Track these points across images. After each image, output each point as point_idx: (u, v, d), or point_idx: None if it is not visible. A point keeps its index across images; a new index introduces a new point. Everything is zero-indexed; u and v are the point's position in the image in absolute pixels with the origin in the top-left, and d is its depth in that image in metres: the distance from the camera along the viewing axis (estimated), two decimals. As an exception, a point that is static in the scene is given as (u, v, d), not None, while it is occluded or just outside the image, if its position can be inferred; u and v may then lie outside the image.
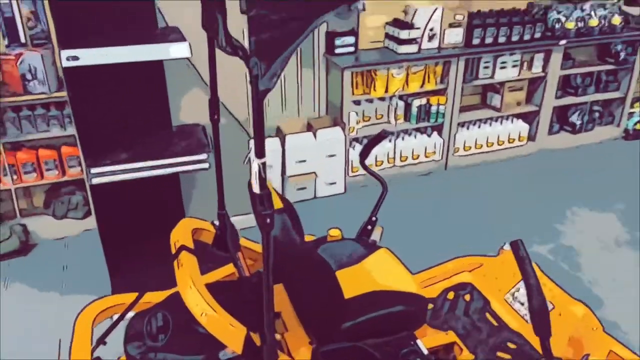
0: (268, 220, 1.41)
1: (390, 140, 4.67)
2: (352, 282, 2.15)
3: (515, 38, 4.56)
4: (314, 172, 4.36)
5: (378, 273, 2.22)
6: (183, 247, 1.91)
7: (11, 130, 3.53)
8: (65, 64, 2.74)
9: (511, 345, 2.33)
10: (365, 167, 2.80)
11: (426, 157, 4.77)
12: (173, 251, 1.92)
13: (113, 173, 3.02)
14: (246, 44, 1.30)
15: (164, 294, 2.10)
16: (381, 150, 4.62)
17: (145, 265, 2.88)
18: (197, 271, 1.82)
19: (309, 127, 4.45)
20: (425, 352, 1.88)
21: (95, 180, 2.98)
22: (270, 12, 1.19)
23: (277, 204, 1.83)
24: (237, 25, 1.75)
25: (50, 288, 3.39)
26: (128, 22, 2.98)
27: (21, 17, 3.46)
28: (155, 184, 3.20)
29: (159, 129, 3.34)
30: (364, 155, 2.74)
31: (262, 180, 1.41)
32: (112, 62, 2.80)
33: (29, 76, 3.36)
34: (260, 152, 1.40)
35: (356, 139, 4.59)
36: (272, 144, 4.23)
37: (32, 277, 3.48)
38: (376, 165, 4.62)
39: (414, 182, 4.70)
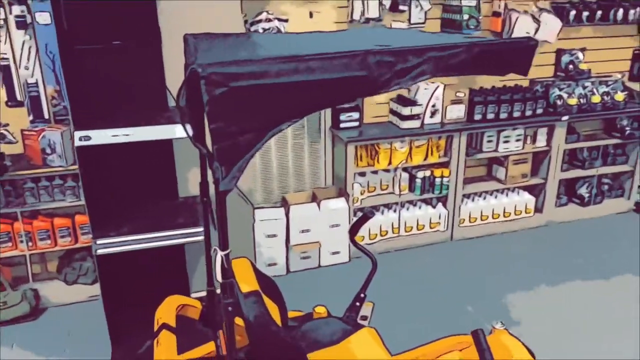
0: (230, 309, 1.51)
1: (395, 211, 4.76)
2: (331, 362, 2.20)
3: (516, 114, 4.69)
4: (318, 242, 4.45)
5: (357, 354, 2.26)
6: (164, 326, 2.01)
7: (29, 199, 3.76)
8: (78, 143, 2.97)
9: None
10: (355, 244, 2.88)
11: (431, 227, 4.82)
12: (155, 328, 2.02)
13: (117, 244, 3.17)
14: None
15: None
16: (386, 220, 4.69)
17: (146, 336, 2.97)
18: (173, 350, 1.91)
19: (314, 198, 4.58)
20: None
21: (100, 251, 3.13)
22: (229, 125, 1.34)
23: (253, 285, 1.93)
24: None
25: (53, 354, 3.49)
26: (140, 106, 3.24)
27: (46, 96, 3.76)
28: (160, 254, 3.33)
29: (166, 199, 3.53)
30: (352, 232, 2.83)
31: (225, 271, 1.51)
32: (121, 142, 3.02)
33: (48, 150, 3.62)
34: (224, 245, 1.51)
35: (361, 209, 4.68)
36: (277, 214, 4.36)
37: (38, 341, 3.60)
38: (381, 235, 4.69)
39: (418, 253, 4.73)
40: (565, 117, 4.79)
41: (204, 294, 2.31)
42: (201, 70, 1.29)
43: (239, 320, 2.39)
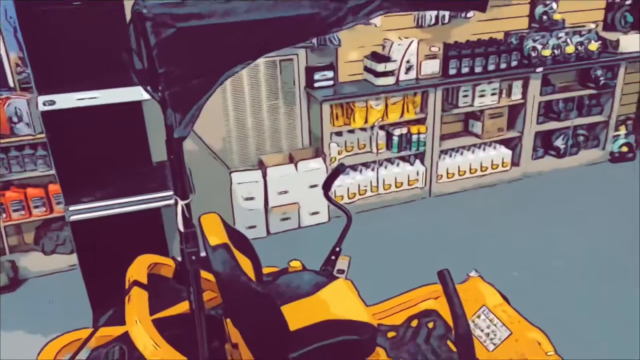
0: (193, 257, 1.51)
1: (373, 169, 4.76)
2: (305, 312, 2.22)
3: (491, 67, 4.67)
4: (297, 203, 4.45)
5: (331, 304, 2.28)
6: (135, 283, 2.00)
7: (0, 170, 3.70)
8: (42, 108, 2.91)
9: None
10: (328, 199, 2.89)
11: (409, 184, 4.85)
12: (126, 287, 2.02)
13: (91, 210, 3.14)
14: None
15: (124, 329, 2.19)
16: (364, 179, 4.71)
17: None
18: (145, 306, 1.91)
19: (291, 159, 4.56)
20: (368, 379, 1.93)
21: (74, 218, 3.10)
22: (179, 68, 1.31)
23: (222, 238, 1.92)
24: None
25: (36, 322, 3.48)
26: (105, 68, 3.15)
27: (9, 63, 3.66)
28: (137, 219, 3.30)
29: (140, 165, 3.48)
30: (326, 188, 2.83)
31: (187, 220, 1.50)
32: (87, 105, 2.96)
33: (15, 119, 3.54)
34: (183, 194, 1.49)
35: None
36: (254, 176, 4.34)
37: (19, 312, 3.59)
38: (359, 194, 4.71)
39: (397, 210, 4.76)
40: (539, 69, 4.79)
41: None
42: (146, 12, 1.25)
43: (210, 276, 2.41)
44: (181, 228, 1.50)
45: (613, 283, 3.64)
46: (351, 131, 4.64)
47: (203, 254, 2.23)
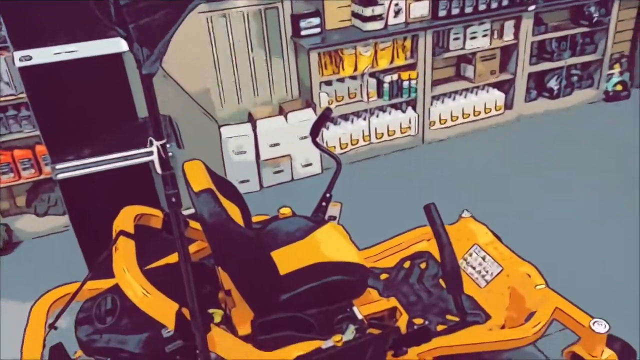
0: (173, 199, 1.48)
1: (365, 118, 4.71)
2: (295, 257, 2.22)
3: (482, 7, 4.54)
4: (289, 155, 4.41)
5: (322, 246, 2.28)
6: (121, 232, 1.99)
7: (-16, 133, 3.64)
8: (19, 64, 2.83)
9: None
10: (317, 145, 2.86)
11: (402, 132, 4.80)
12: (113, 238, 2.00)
13: (78, 168, 3.11)
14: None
15: (114, 280, 2.19)
16: (356, 128, 4.65)
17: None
18: (132, 255, 1.90)
19: (281, 111, 4.50)
20: (360, 317, 1.95)
21: (61, 176, 3.07)
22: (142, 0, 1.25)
23: (206, 184, 1.89)
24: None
25: (33, 283, 3.48)
26: (82, 19, 3.05)
27: (-16, 22, 3.54)
28: (126, 175, 3.27)
29: (125, 121, 3.41)
30: (313, 133, 2.80)
31: (164, 161, 1.47)
32: (65, 59, 2.88)
33: (-6, 79, 3.46)
34: (158, 134, 1.45)
35: (330, 119, 4.63)
36: (243, 130, 4.29)
37: (15, 274, 3.60)
38: (352, 144, 4.67)
39: (390, 159, 4.74)
40: (532, 7, 4.66)
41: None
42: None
43: (197, 225, 2.39)
44: (158, 170, 1.47)
45: (610, 222, 3.65)
46: (341, 80, 4.56)
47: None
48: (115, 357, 1.90)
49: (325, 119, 2.69)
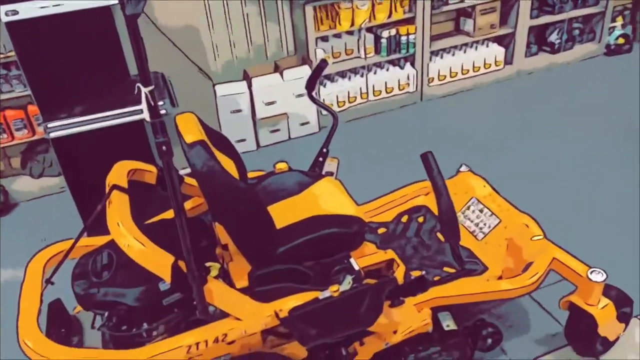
0: (164, 148, 1.44)
1: (362, 75, 4.62)
2: (292, 211, 2.20)
3: (482, -43, 4.41)
4: (285, 113, 4.36)
5: (318, 200, 2.26)
6: (115, 187, 1.96)
7: (-26, 93, 3.58)
8: (5, 19, 2.75)
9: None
10: (313, 99, 2.80)
11: (400, 89, 4.73)
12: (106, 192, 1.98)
13: (71, 126, 3.06)
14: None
15: (110, 237, 2.17)
16: (353, 86, 4.58)
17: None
18: (126, 208, 1.87)
19: (276, 68, 4.41)
20: (357, 268, 1.94)
21: (53, 135, 3.03)
22: None
23: (198, 135, 1.86)
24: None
25: (30, 245, 3.47)
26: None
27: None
28: (120, 133, 3.23)
29: (117, 79, 3.34)
30: (309, 87, 2.73)
31: (152, 108, 1.43)
32: (52, 13, 2.79)
33: (-19, 37, 3.37)
34: (145, 80, 1.41)
35: (327, 76, 4.56)
36: (239, 88, 4.22)
37: (12, 235, 3.60)
38: (349, 102, 4.60)
39: (388, 117, 4.68)
40: (533, -43, 4.53)
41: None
42: None
43: (192, 181, 2.36)
44: (147, 118, 1.43)
45: (609, 174, 3.62)
46: (337, 35, 4.45)
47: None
48: (113, 311, 1.90)
49: (320, 70, 2.62)
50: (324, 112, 4.50)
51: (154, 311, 1.92)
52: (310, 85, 2.73)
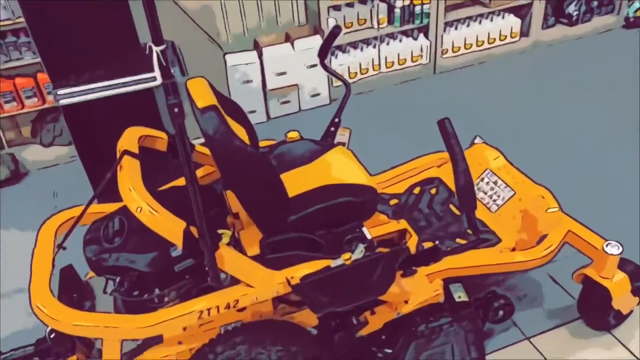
0: (176, 110, 1.42)
1: (374, 46, 4.54)
2: (303, 179, 2.18)
3: None
4: (296, 84, 4.30)
5: (330, 169, 2.23)
6: (125, 152, 1.94)
7: (-17, 59, 3.56)
8: (13, -16, 2.70)
9: (470, 232, 2.36)
10: (325, 68, 2.75)
11: (413, 61, 4.64)
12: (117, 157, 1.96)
13: (81, 93, 3.04)
14: None
15: (121, 204, 2.16)
16: (365, 57, 4.50)
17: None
18: (137, 174, 1.86)
19: (287, 38, 4.34)
20: (369, 237, 1.92)
21: (63, 102, 3.01)
22: None
23: (210, 100, 1.82)
24: None
25: (40, 213, 3.49)
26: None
27: (-25, -59, 3.37)
28: (129, 102, 3.20)
29: (126, 46, 3.30)
30: (322, 54, 2.68)
31: (164, 69, 1.39)
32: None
33: (-10, 3, 3.33)
34: (157, 39, 1.37)
35: (338, 47, 4.48)
36: (249, 57, 4.16)
37: (23, 203, 3.61)
38: (361, 73, 4.54)
39: (401, 89, 4.61)
40: None
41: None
42: None
43: (203, 149, 2.34)
44: (159, 78, 1.40)
45: (625, 148, 3.55)
46: (350, 5, 4.36)
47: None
48: (125, 276, 1.90)
49: (333, 37, 2.56)
50: (336, 83, 4.45)
51: (165, 277, 1.92)
52: (323, 52, 2.68)
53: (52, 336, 2.05)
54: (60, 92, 2.98)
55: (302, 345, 1.91)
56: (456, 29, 4.71)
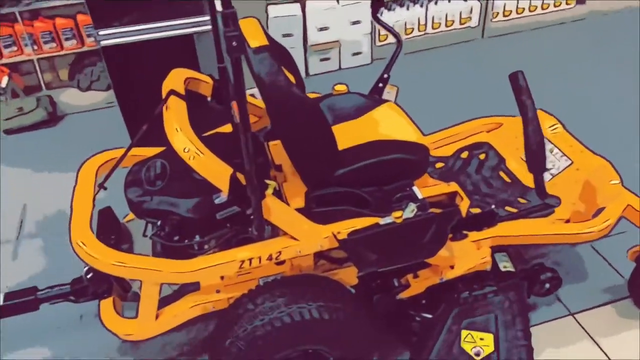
0: (235, 43, 1.32)
1: (421, 5, 4.35)
2: (352, 133, 2.08)
3: None
4: (338, 41, 4.16)
5: (380, 125, 2.13)
6: (172, 92, 1.87)
7: (24, -3, 3.49)
8: None
9: (521, 200, 2.25)
10: (377, 20, 2.62)
11: (461, 23, 4.44)
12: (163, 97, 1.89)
13: (122, 35, 2.97)
14: None
15: (161, 149, 2.11)
16: (410, 15, 4.32)
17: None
18: (184, 114, 1.79)
19: (333, -9, 4.17)
20: (420, 196, 1.83)
21: (104, 43, 2.94)
22: None
23: (262, 40, 1.72)
24: None
25: (77, 156, 3.49)
26: None
27: None
28: (169, 48, 3.13)
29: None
30: (375, 6, 2.54)
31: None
32: None
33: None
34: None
35: (385, 4, 4.30)
36: (292, 10, 4.01)
37: (60, 146, 3.60)
38: (405, 34, 4.36)
39: (447, 51, 4.42)
40: None
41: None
42: None
43: (255, 101, 2.25)
44: (218, 7, 1.30)
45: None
46: (399, -40, 4.17)
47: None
48: (166, 220, 1.85)
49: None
50: (378, 42, 4.29)
51: (206, 224, 1.86)
52: (377, 4, 2.54)
53: (89, 276, 2.02)
54: (102, 32, 2.91)
55: (343, 302, 1.85)
56: (509, -9, 4.48)
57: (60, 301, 2.11)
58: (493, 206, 1.97)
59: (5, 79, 3.62)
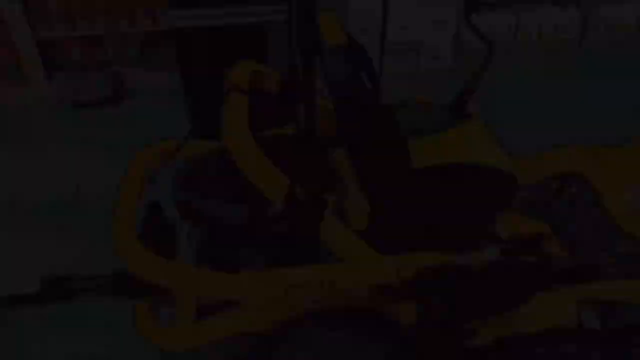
0: (310, 41, 1.10)
1: (513, 12, 3.98)
2: (430, 151, 1.82)
3: None
4: (418, 41, 3.87)
5: (464, 145, 1.85)
6: (235, 87, 1.68)
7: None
8: None
9: (619, 250, 1.92)
10: (469, 24, 2.32)
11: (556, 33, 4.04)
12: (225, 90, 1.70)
13: (194, 17, 2.83)
14: None
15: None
16: (500, 19, 3.96)
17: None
18: (244, 112, 1.59)
19: (418, -13, 3.88)
20: (503, 236, 1.55)
21: (178, 23, 2.82)
22: None
23: (340, 38, 1.50)
24: None
25: (140, 136, 3.42)
26: None
27: None
28: (240, 38, 3.01)
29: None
30: (469, 8, 2.26)
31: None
32: None
33: None
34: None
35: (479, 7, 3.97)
36: (374, 3, 3.75)
37: (123, 124, 3.55)
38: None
39: (538, 60, 4.05)
40: None
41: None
42: None
43: (324, 101, 2.03)
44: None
45: None
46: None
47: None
48: (211, 224, 1.67)
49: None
50: (461, 46, 3.97)
51: (255, 236, 1.67)
52: (471, 6, 2.25)
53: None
54: (174, 12, 2.79)
55: (394, 344, 1.61)
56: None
57: (94, 295, 1.98)
58: (593, 257, 1.66)
59: (76, 52, 3.59)
